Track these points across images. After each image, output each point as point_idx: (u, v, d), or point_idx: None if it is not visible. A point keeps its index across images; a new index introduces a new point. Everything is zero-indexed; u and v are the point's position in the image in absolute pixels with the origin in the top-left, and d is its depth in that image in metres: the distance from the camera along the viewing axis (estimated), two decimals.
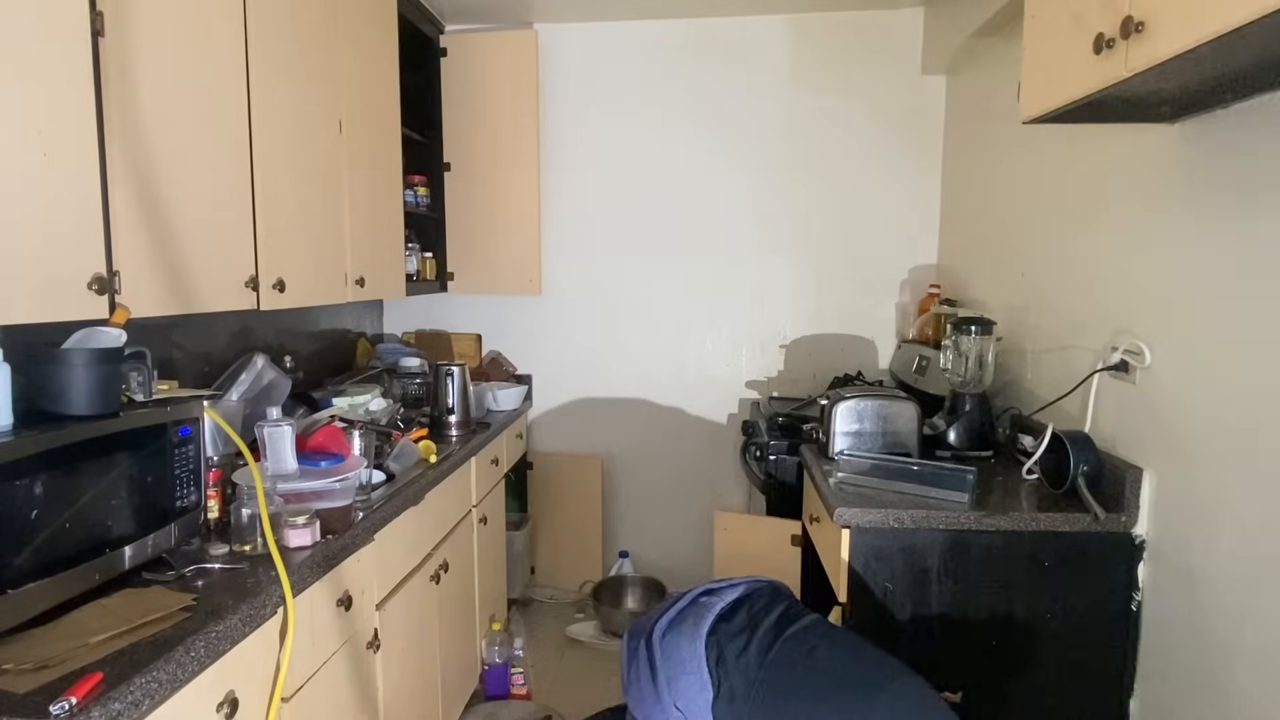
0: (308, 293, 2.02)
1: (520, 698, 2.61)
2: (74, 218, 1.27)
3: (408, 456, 2.14)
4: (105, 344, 1.32)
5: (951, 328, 2.30)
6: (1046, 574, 1.75)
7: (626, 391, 3.41)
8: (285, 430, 1.69)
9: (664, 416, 3.41)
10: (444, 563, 2.22)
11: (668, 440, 3.40)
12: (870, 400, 2.21)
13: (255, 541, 1.47)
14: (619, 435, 3.44)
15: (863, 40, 3.13)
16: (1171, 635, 1.62)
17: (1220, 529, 1.47)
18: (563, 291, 3.40)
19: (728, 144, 3.25)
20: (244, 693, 1.24)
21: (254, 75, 1.75)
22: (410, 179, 2.96)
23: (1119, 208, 1.82)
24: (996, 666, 1.78)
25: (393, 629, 1.85)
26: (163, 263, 1.49)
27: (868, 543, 1.78)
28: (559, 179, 3.33)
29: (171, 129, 1.50)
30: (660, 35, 3.23)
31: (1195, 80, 1.27)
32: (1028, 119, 1.57)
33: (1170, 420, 1.62)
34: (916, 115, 3.14)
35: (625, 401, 3.42)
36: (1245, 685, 1.40)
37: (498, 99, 3.16)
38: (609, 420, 3.44)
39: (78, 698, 0.95)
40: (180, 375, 2.00)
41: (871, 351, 3.28)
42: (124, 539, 1.30)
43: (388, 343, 3.35)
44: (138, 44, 1.41)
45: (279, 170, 1.87)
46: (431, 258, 3.14)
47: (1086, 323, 1.96)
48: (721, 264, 3.31)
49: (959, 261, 2.97)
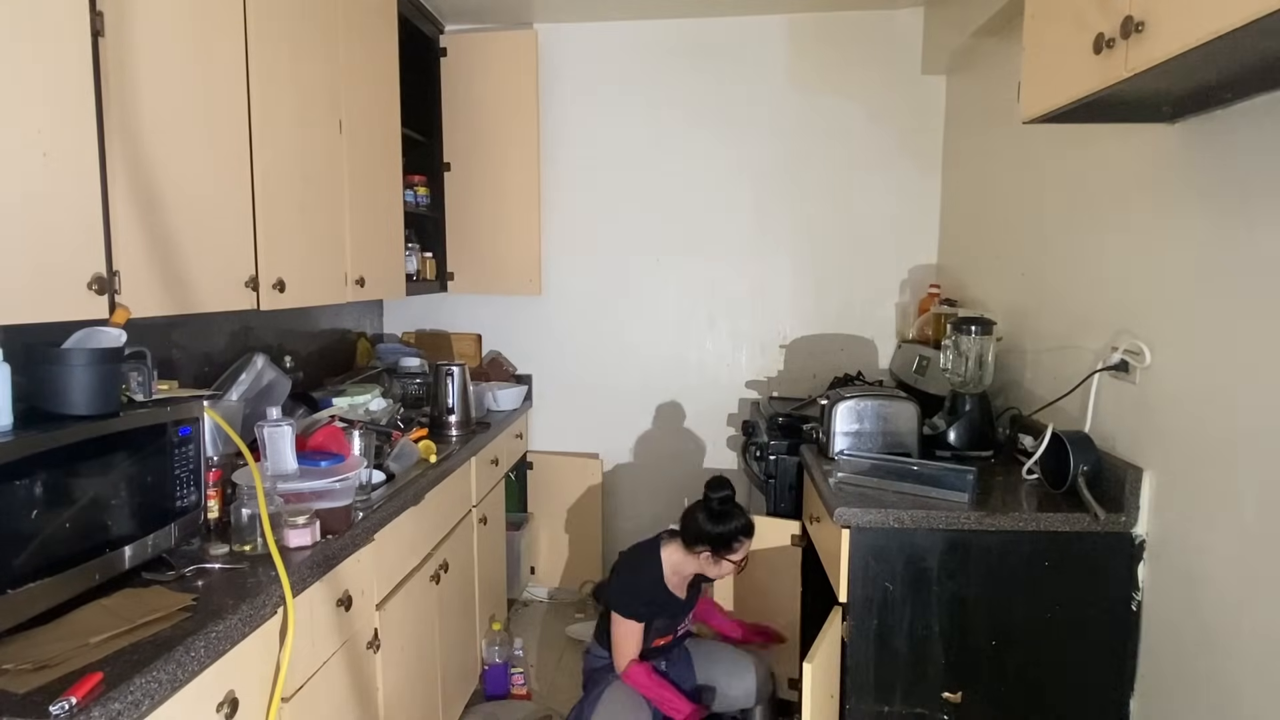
0: (308, 293, 2.02)
1: (520, 698, 2.61)
2: (74, 217, 1.27)
3: (408, 456, 2.14)
4: (105, 344, 1.32)
5: (951, 328, 2.30)
6: (1046, 574, 1.75)
7: (626, 391, 3.41)
8: (285, 430, 1.69)
9: (664, 416, 3.41)
10: (444, 563, 2.22)
11: (668, 440, 3.40)
12: (870, 400, 2.21)
13: (255, 541, 1.47)
14: (619, 435, 3.44)
15: (863, 40, 3.13)
16: (1171, 635, 1.62)
17: (1220, 529, 1.47)
18: (563, 291, 3.40)
19: (728, 144, 3.25)
20: (244, 693, 1.24)
21: (254, 75, 1.75)
22: (410, 179, 2.96)
23: (1119, 207, 1.82)
24: (996, 666, 1.78)
25: (392, 629, 1.85)
26: (163, 263, 1.49)
27: (868, 543, 1.78)
28: (559, 179, 3.33)
29: (171, 129, 1.50)
30: (660, 35, 3.23)
31: (1195, 80, 1.27)
32: (1028, 119, 1.57)
33: (1170, 420, 1.62)
34: (916, 115, 3.14)
35: (625, 401, 3.42)
36: (1245, 685, 1.40)
37: (498, 99, 3.16)
38: (609, 420, 3.44)
39: (78, 698, 0.95)
40: (180, 375, 2.00)
41: (871, 351, 3.28)
42: (124, 539, 1.30)
43: (388, 343, 3.35)
44: (138, 44, 1.41)
45: (279, 170, 1.87)
46: (431, 258, 3.14)
47: (1086, 322, 1.96)
48: (721, 263, 3.31)
49: (959, 261, 2.97)
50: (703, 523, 2.13)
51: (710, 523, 2.12)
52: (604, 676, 2.19)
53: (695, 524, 2.14)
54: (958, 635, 1.78)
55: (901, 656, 1.79)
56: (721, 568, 2.15)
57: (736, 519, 2.12)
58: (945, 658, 1.78)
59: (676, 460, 3.39)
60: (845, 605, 1.80)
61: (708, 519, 2.13)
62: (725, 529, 2.11)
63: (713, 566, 2.15)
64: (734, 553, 2.12)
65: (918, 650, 1.79)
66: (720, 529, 2.11)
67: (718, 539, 2.11)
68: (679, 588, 2.22)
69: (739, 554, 2.13)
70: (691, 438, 3.39)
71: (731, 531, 2.11)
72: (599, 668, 2.24)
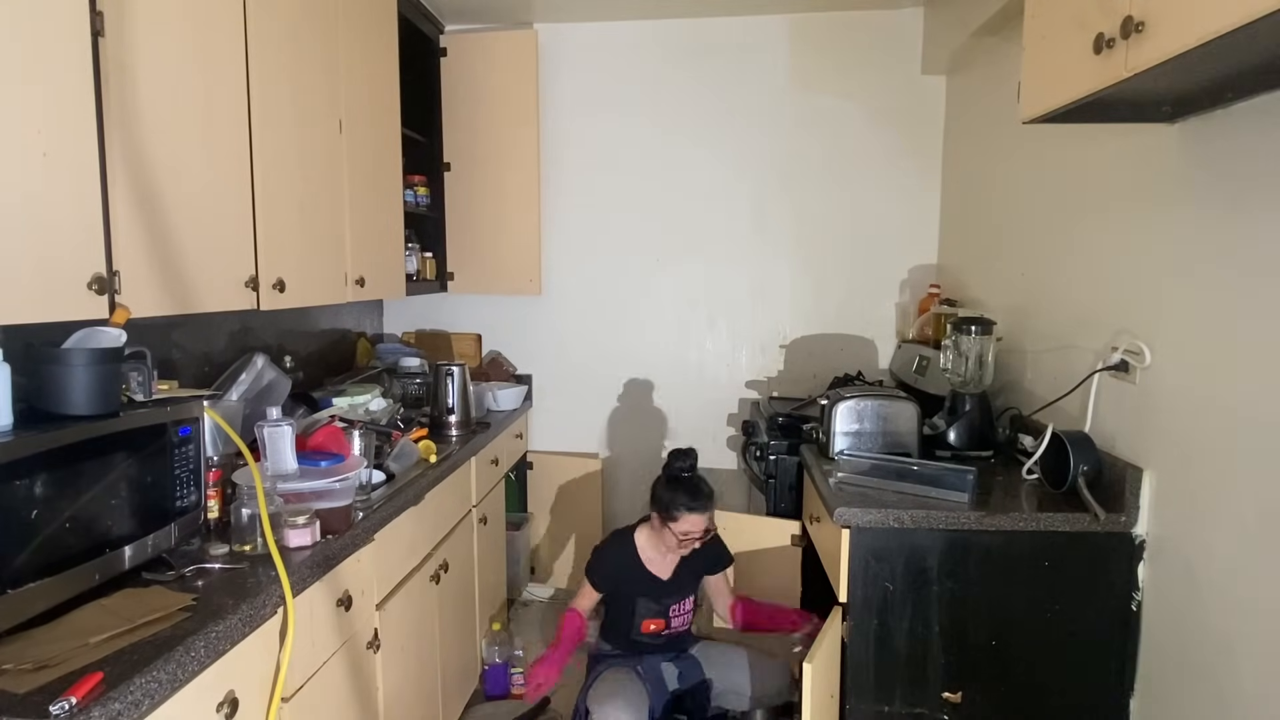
0: (308, 293, 2.02)
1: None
2: (74, 217, 1.27)
3: (408, 456, 2.14)
4: (105, 344, 1.32)
5: (951, 328, 2.30)
6: (1046, 574, 1.75)
7: (627, 392, 3.41)
8: (285, 430, 1.69)
9: (664, 416, 3.41)
10: (444, 563, 2.22)
11: (668, 440, 3.40)
12: (870, 400, 2.21)
13: (255, 541, 1.47)
14: (619, 435, 3.44)
15: (863, 40, 3.13)
16: (1171, 635, 1.62)
17: (1220, 529, 1.47)
18: (563, 291, 3.40)
19: (728, 143, 3.25)
20: (244, 693, 1.24)
21: (254, 75, 1.75)
22: (410, 179, 2.96)
23: (1119, 207, 1.82)
24: (996, 666, 1.78)
25: (392, 629, 1.85)
26: (163, 263, 1.49)
27: (868, 543, 1.78)
28: (559, 179, 3.33)
29: (171, 129, 1.50)
30: (660, 35, 3.22)
31: (1195, 80, 1.27)
32: (1028, 119, 1.57)
33: (1170, 420, 1.62)
34: (916, 115, 3.14)
35: (625, 401, 3.42)
36: (1245, 685, 1.40)
37: (498, 99, 3.16)
38: (609, 420, 3.44)
39: (78, 698, 0.95)
40: (180, 375, 1.99)
41: (871, 351, 3.28)
42: (124, 539, 1.30)
43: (388, 343, 3.35)
44: (138, 44, 1.41)
45: (279, 170, 1.87)
46: (431, 258, 3.14)
47: (1086, 322, 1.96)
48: (721, 263, 3.31)
49: (959, 261, 2.97)
50: (658, 487, 2.16)
51: (663, 488, 2.15)
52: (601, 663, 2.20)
53: (654, 489, 2.18)
54: (958, 635, 1.78)
55: (901, 656, 1.79)
56: (667, 538, 2.14)
57: (685, 489, 2.11)
58: (945, 658, 1.78)
59: None
60: (845, 605, 1.80)
61: (664, 484, 2.16)
62: (671, 495, 2.11)
63: (664, 535, 2.15)
64: (676, 521, 2.10)
65: (918, 650, 1.79)
66: (667, 494, 2.12)
67: (663, 503, 2.12)
68: (659, 566, 2.20)
69: (682, 524, 2.09)
70: (691, 438, 3.38)
71: (675, 500, 2.10)
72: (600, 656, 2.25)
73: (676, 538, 2.12)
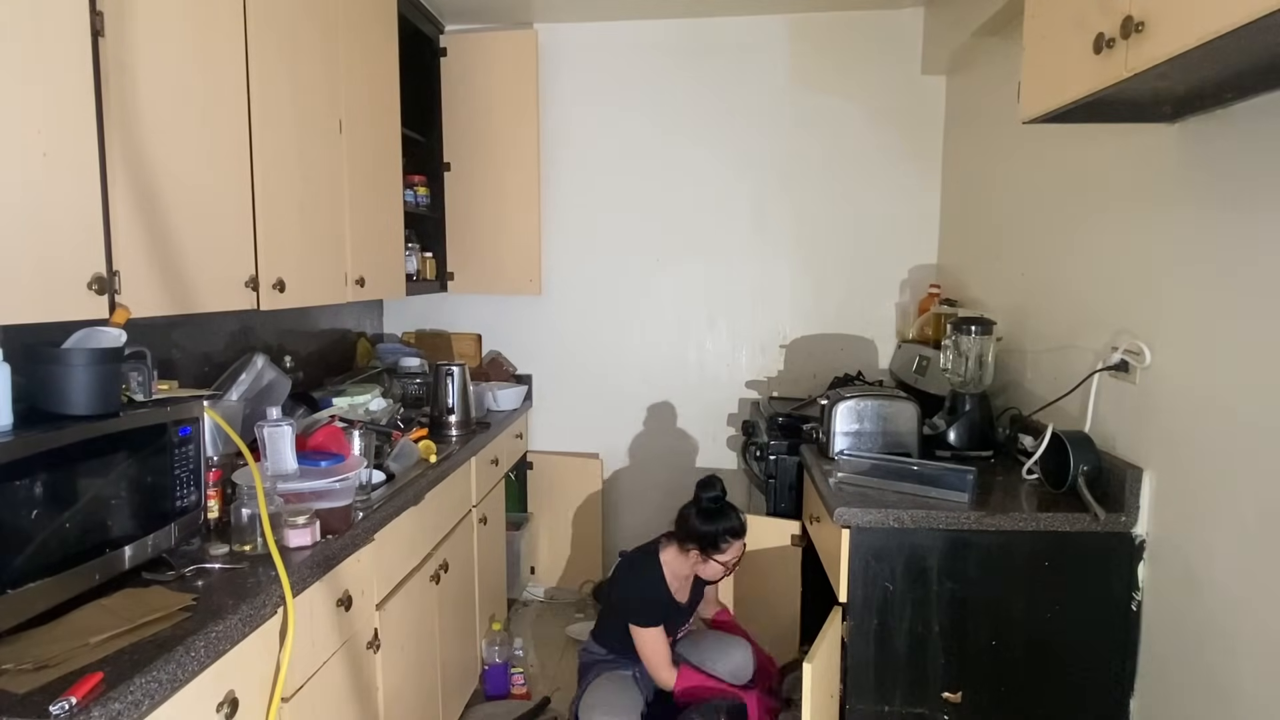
0: (308, 293, 2.02)
1: (520, 698, 2.61)
2: (74, 217, 1.27)
3: (408, 456, 2.14)
4: (105, 344, 1.32)
5: (951, 328, 2.30)
6: (1046, 574, 1.75)
7: (626, 391, 3.41)
8: (285, 430, 1.69)
9: (664, 416, 3.41)
10: (444, 563, 2.22)
11: (668, 440, 3.40)
12: (870, 400, 2.21)
13: (255, 541, 1.47)
14: (619, 435, 3.44)
15: (863, 40, 3.13)
16: (1171, 635, 1.62)
17: (1220, 529, 1.47)
18: (563, 291, 3.40)
19: (728, 143, 3.25)
20: (244, 693, 1.24)
21: (254, 75, 1.75)
22: (410, 179, 2.96)
23: (1119, 207, 1.82)
24: (996, 666, 1.78)
25: (392, 629, 1.85)
26: (163, 263, 1.49)
27: (868, 543, 1.78)
28: (559, 179, 3.33)
29: (171, 129, 1.50)
30: (660, 35, 3.22)
31: (1195, 80, 1.27)
32: (1027, 119, 1.57)
33: (1170, 420, 1.62)
34: (916, 115, 3.14)
35: (625, 401, 3.42)
36: (1245, 685, 1.40)
37: (498, 99, 3.16)
38: (609, 420, 3.44)
39: (78, 698, 0.95)
40: (180, 375, 1.99)
41: (871, 351, 3.28)
42: (124, 539, 1.29)
43: (388, 343, 3.35)
44: (138, 44, 1.41)
45: (279, 170, 1.87)
46: (431, 258, 3.14)
47: (1086, 322, 1.96)
48: (721, 263, 3.31)
49: (959, 261, 2.97)
50: (693, 521, 2.16)
51: (700, 521, 2.15)
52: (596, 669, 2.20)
53: (687, 523, 2.18)
54: (958, 635, 1.78)
55: (901, 656, 1.79)
56: (710, 568, 2.17)
57: (725, 519, 2.15)
58: (945, 657, 1.78)
59: (676, 460, 3.39)
60: (845, 605, 1.80)
61: (697, 518, 2.16)
62: (713, 528, 2.14)
63: (703, 567, 2.17)
64: (722, 553, 2.14)
65: (918, 650, 1.79)
66: (708, 528, 2.14)
67: (706, 538, 2.14)
68: (680, 592, 2.23)
69: (727, 554, 2.15)
70: (691, 438, 3.39)
71: (719, 531, 2.13)
72: (592, 662, 2.25)
73: (723, 567, 2.17)
